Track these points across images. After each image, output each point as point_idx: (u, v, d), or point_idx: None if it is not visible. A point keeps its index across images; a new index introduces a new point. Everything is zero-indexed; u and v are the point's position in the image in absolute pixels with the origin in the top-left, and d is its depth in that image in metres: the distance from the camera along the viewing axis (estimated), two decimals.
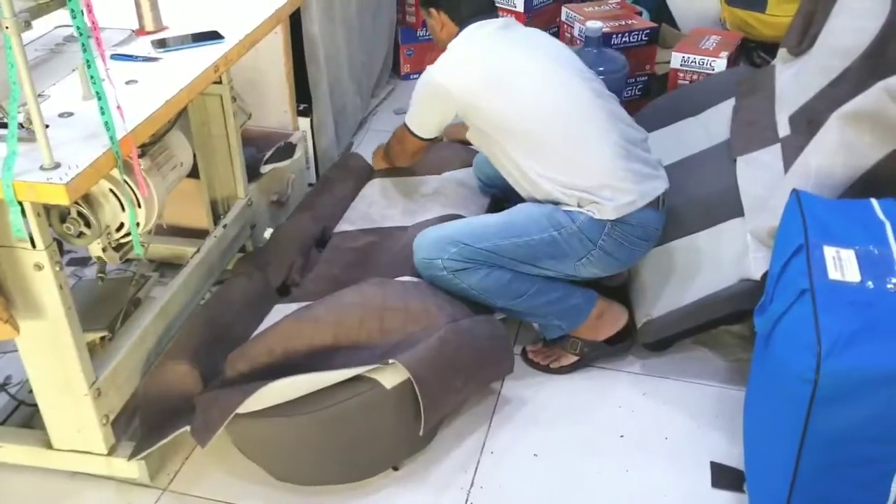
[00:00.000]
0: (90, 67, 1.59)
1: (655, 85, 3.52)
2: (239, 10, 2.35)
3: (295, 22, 3.05)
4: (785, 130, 2.44)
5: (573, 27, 3.58)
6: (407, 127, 2.45)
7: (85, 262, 2.85)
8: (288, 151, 2.86)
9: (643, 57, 3.46)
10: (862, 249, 1.71)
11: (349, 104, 3.61)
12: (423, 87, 2.34)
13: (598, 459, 2.14)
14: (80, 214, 1.88)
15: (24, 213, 1.63)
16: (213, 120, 2.52)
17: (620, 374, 2.41)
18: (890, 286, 1.61)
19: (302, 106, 3.17)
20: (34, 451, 2.06)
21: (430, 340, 2.03)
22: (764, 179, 2.34)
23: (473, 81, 2.26)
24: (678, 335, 2.36)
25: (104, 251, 1.98)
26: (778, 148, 2.40)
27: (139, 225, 1.98)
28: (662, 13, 3.81)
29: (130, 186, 1.91)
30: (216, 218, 2.68)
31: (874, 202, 1.87)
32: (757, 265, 2.14)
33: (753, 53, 3.37)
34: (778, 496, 1.71)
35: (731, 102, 2.80)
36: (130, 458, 2.01)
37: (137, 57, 2.09)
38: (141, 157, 2.02)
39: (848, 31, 2.41)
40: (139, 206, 1.96)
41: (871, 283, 1.63)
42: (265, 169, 2.79)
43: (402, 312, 2.13)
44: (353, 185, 2.84)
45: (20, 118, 1.65)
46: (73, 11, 1.53)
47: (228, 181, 2.63)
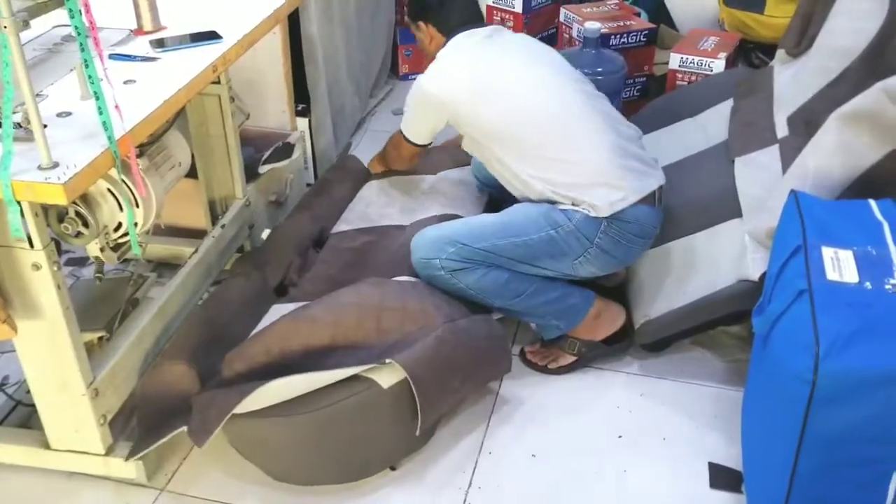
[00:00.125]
0: (88, 67, 1.59)
1: (654, 86, 3.52)
2: (237, 10, 2.35)
3: (293, 22, 3.05)
4: (783, 131, 2.44)
5: (571, 28, 3.58)
6: (402, 133, 2.50)
7: (83, 262, 2.85)
8: (286, 152, 2.86)
9: (642, 58, 3.46)
10: (860, 250, 1.72)
11: (347, 104, 3.61)
12: (413, 96, 2.38)
13: (596, 460, 2.14)
14: (78, 214, 1.87)
15: (22, 212, 1.63)
16: (211, 120, 2.52)
17: (618, 374, 2.41)
18: (888, 287, 1.62)
19: (300, 106, 3.17)
20: (32, 451, 2.06)
21: (427, 340, 2.03)
22: (762, 180, 2.34)
23: (462, 90, 2.28)
24: (676, 336, 2.36)
25: (102, 251, 1.98)
26: (776, 149, 2.41)
27: (137, 225, 1.97)
28: (661, 14, 3.81)
29: (128, 186, 1.90)
30: (214, 218, 2.67)
31: (872, 203, 1.88)
32: (755, 266, 2.14)
33: (752, 54, 3.38)
34: (776, 497, 1.71)
35: (729, 103, 2.80)
36: (128, 458, 2.01)
37: (136, 57, 2.09)
38: (139, 156, 2.01)
39: (846, 32, 2.42)
40: (137, 205, 1.96)
41: (869, 283, 1.63)
42: (263, 169, 2.79)
43: (399, 312, 2.13)
44: (350, 186, 2.85)
45: (18, 118, 1.65)
46: (71, 11, 1.53)
47: (226, 181, 2.63)
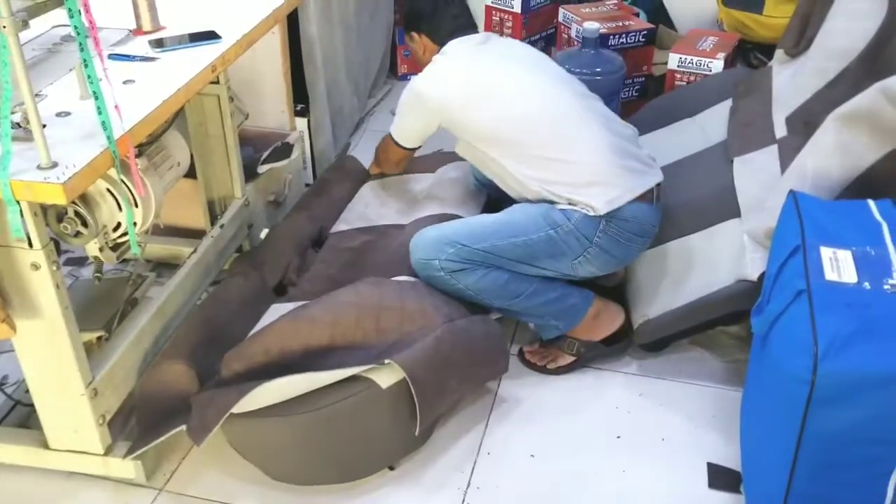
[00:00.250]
0: (87, 67, 1.59)
1: (653, 86, 3.52)
2: (236, 10, 2.35)
3: (292, 22, 3.05)
4: (782, 131, 2.44)
5: (570, 28, 3.58)
6: (391, 136, 2.50)
7: (82, 261, 2.85)
8: (285, 152, 2.86)
9: (640, 58, 3.46)
10: (859, 250, 1.72)
11: (346, 104, 3.61)
12: (406, 98, 2.38)
13: (594, 460, 2.14)
14: (77, 214, 1.87)
15: (21, 212, 1.63)
16: (210, 120, 2.52)
17: (617, 374, 2.41)
18: (887, 287, 1.62)
19: (299, 106, 3.17)
20: (31, 451, 2.05)
21: (426, 340, 2.03)
22: (761, 180, 2.34)
23: (456, 95, 2.29)
24: (675, 336, 2.36)
25: (101, 251, 1.98)
26: (775, 149, 2.41)
27: (136, 225, 1.97)
28: (660, 14, 3.81)
29: (128, 186, 1.90)
30: (213, 218, 2.67)
31: (871, 203, 1.88)
32: (754, 266, 2.14)
33: (750, 55, 3.38)
34: (774, 497, 1.71)
35: (727, 103, 2.80)
36: (126, 456, 2.01)
37: (135, 57, 2.09)
38: (138, 156, 2.02)
39: (845, 32, 2.42)
40: (136, 205, 1.96)
41: (867, 284, 1.63)
42: (262, 169, 2.79)
43: (398, 312, 2.13)
44: (349, 186, 2.85)
45: (17, 117, 1.65)
46: (70, 11, 1.53)
47: (225, 181, 2.63)
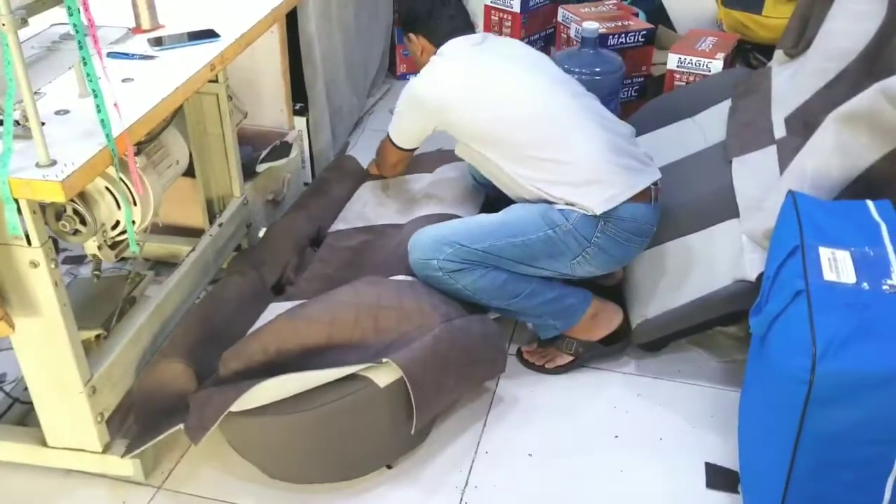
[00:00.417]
0: (86, 65, 1.59)
1: (652, 86, 3.53)
2: (235, 8, 2.35)
3: (291, 21, 3.05)
4: (781, 132, 2.44)
5: (570, 28, 3.58)
6: (388, 137, 2.50)
7: (80, 260, 2.85)
8: (284, 151, 2.86)
9: (640, 58, 3.47)
10: (857, 251, 1.72)
11: (345, 104, 3.60)
12: (404, 98, 2.38)
13: (592, 460, 2.14)
14: (75, 212, 1.87)
15: (19, 210, 1.63)
16: (209, 119, 2.52)
17: (615, 374, 2.41)
18: (885, 287, 1.62)
19: (298, 105, 3.17)
20: (29, 448, 2.05)
21: (424, 339, 2.03)
22: (760, 180, 2.34)
23: (453, 96, 2.29)
24: (673, 336, 2.36)
25: (100, 249, 1.98)
26: (774, 149, 2.41)
27: (135, 223, 1.97)
28: (659, 14, 3.81)
29: (126, 184, 1.90)
30: (212, 217, 2.67)
31: (870, 204, 1.88)
32: (752, 266, 2.14)
33: (750, 55, 3.38)
34: (773, 497, 1.71)
35: (727, 104, 2.80)
36: (124, 455, 2.01)
37: (134, 55, 2.09)
38: (137, 155, 2.01)
39: (844, 33, 2.42)
40: (135, 204, 1.96)
41: (866, 284, 1.63)
42: (261, 168, 2.79)
43: (396, 311, 2.13)
44: (347, 186, 2.85)
45: (17, 115, 1.65)
46: (69, 9, 1.53)
47: (224, 180, 2.63)
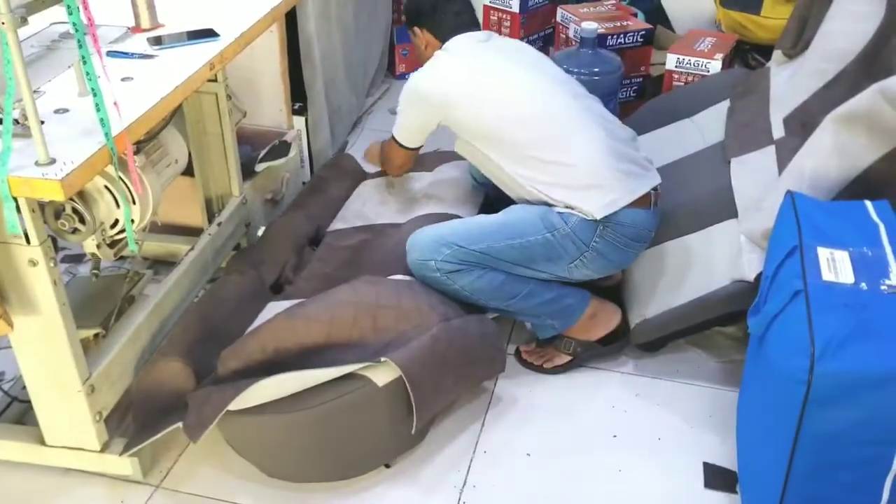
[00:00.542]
0: (86, 64, 1.59)
1: (650, 86, 3.53)
2: (235, 8, 2.35)
3: (291, 21, 3.05)
4: (779, 132, 2.44)
5: (568, 28, 3.58)
6: (394, 138, 2.48)
7: (79, 258, 2.85)
8: (283, 150, 2.87)
9: (638, 58, 3.47)
10: (856, 251, 1.72)
11: (344, 103, 3.61)
12: (406, 94, 2.37)
13: (590, 459, 2.14)
14: (74, 211, 1.88)
15: (18, 208, 1.63)
16: (208, 118, 2.52)
17: (613, 374, 2.42)
18: (884, 288, 1.62)
19: (297, 105, 3.17)
20: (27, 447, 2.05)
21: (422, 339, 2.04)
22: (758, 181, 2.35)
23: (455, 90, 2.29)
24: (671, 336, 2.36)
25: (98, 248, 1.98)
26: (772, 150, 2.41)
27: (134, 222, 1.97)
28: (658, 15, 3.81)
29: (125, 183, 1.90)
30: (211, 216, 2.67)
31: (868, 204, 1.88)
32: (751, 266, 2.14)
33: (748, 55, 3.38)
34: (771, 497, 1.71)
35: (725, 104, 2.80)
36: (122, 453, 2.01)
37: (133, 54, 2.09)
38: (136, 154, 2.02)
39: (843, 34, 2.42)
40: (134, 202, 1.96)
41: (864, 284, 1.64)
42: (260, 167, 2.79)
43: (394, 310, 2.13)
44: (346, 185, 2.85)
45: (16, 114, 1.65)
46: (69, 8, 1.53)
47: (223, 179, 2.63)
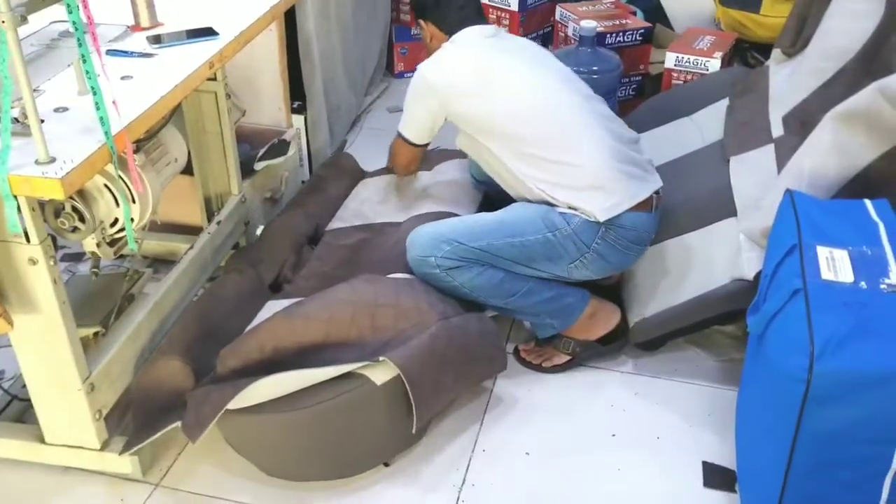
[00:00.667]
0: (86, 63, 1.59)
1: (649, 85, 3.53)
2: (234, 7, 2.35)
3: (290, 20, 3.05)
4: (778, 131, 2.44)
5: (567, 27, 3.58)
6: (400, 135, 2.45)
7: (79, 257, 2.85)
8: (282, 149, 2.87)
9: (637, 57, 3.47)
10: (855, 250, 1.72)
11: (343, 102, 3.60)
12: (413, 86, 2.36)
13: (589, 458, 2.14)
14: (74, 209, 1.88)
15: (18, 207, 1.63)
16: (207, 116, 2.52)
17: (613, 373, 2.42)
18: (883, 286, 1.62)
19: (296, 103, 3.17)
20: (27, 445, 2.06)
21: (421, 337, 2.03)
22: (757, 179, 2.35)
23: (461, 82, 2.27)
24: (671, 335, 2.36)
25: (98, 246, 1.98)
26: (771, 148, 2.41)
27: (133, 220, 1.97)
28: (657, 13, 3.82)
29: (125, 182, 1.90)
30: (210, 214, 2.68)
31: (867, 203, 1.88)
32: (750, 265, 2.14)
33: (747, 54, 3.39)
34: (770, 496, 1.71)
35: (724, 102, 2.80)
36: (122, 452, 2.01)
37: (133, 53, 2.09)
38: (136, 152, 2.02)
39: (842, 32, 2.42)
40: (133, 201, 1.96)
41: (864, 283, 1.64)
42: (259, 166, 2.79)
43: (393, 309, 2.13)
44: (344, 183, 2.85)
45: (16, 113, 1.65)
46: (68, 7, 1.53)
47: (222, 178, 2.63)
